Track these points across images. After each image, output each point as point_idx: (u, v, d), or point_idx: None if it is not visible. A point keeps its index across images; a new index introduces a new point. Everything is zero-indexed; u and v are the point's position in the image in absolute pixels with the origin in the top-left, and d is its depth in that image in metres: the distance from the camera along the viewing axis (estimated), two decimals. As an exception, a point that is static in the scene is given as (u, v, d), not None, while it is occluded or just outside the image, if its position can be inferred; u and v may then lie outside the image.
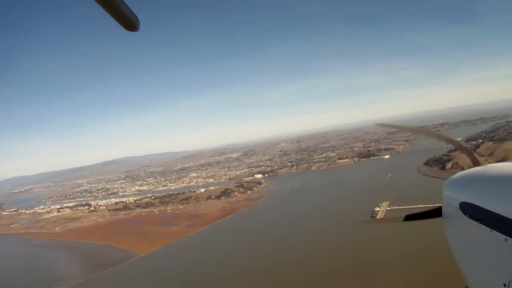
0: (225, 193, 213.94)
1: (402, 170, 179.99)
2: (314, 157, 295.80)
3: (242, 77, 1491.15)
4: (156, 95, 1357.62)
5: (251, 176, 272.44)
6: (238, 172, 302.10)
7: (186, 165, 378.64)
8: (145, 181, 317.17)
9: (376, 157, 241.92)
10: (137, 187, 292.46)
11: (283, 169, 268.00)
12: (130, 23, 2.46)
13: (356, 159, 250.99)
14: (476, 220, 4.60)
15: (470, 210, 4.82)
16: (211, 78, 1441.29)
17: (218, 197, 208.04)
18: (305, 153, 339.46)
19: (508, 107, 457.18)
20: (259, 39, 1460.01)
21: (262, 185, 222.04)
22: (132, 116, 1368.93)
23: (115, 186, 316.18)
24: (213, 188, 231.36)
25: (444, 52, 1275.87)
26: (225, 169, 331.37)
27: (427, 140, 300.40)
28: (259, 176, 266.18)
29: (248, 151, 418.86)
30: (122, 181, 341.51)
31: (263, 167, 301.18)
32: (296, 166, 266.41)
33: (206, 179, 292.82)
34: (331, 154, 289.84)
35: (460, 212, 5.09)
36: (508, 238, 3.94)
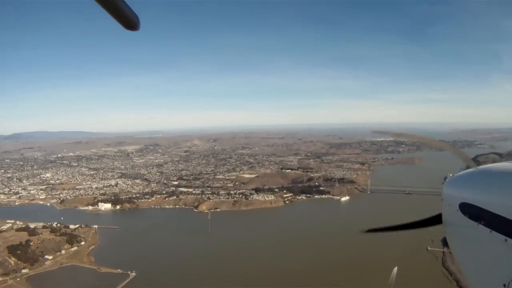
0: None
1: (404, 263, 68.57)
2: (218, 175, 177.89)
3: (182, 62, 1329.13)
4: (88, 67, 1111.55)
5: (94, 204, 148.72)
6: (94, 186, 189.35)
7: (70, 154, 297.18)
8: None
9: (324, 196, 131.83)
10: None
11: (154, 198, 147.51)
12: (129, 22, 2.42)
13: (288, 195, 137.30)
14: (476, 220, 4.57)
15: (470, 211, 4.78)
16: (150, 58, 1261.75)
17: None
18: (213, 161, 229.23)
19: (455, 130, 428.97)
20: (206, 21, 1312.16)
21: (73, 249, 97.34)
22: (62, 87, 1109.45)
23: None
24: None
25: (390, 68, 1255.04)
26: (91, 173, 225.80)
27: (393, 166, 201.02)
28: (106, 207, 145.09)
29: (150, 145, 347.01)
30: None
31: (138, 182, 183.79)
32: (177, 196, 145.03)
33: (39, 192, 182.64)
34: (246, 175, 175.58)
35: (460, 213, 5.00)
36: (508, 239, 3.91)
